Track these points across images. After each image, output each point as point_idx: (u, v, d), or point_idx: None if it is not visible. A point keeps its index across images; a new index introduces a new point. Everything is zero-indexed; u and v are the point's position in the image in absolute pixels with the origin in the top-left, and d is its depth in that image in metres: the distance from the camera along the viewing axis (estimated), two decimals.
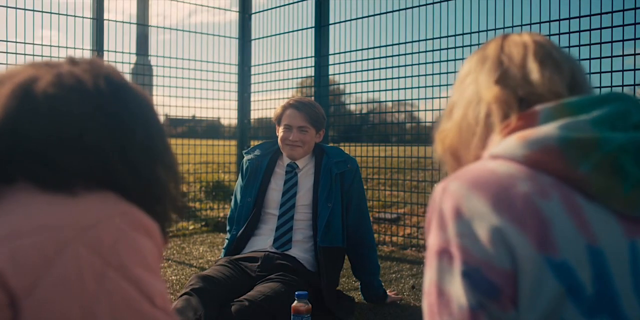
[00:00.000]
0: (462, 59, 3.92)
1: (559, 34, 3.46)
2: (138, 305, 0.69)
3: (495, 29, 3.77)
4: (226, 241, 2.79)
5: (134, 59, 5.34)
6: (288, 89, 5.24)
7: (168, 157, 0.85)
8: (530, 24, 3.60)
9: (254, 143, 5.32)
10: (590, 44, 3.33)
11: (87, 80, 0.78)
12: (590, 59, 3.32)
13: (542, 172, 0.73)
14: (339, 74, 4.77)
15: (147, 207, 0.78)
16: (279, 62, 5.18)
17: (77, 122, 0.75)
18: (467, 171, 0.76)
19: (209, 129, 6.37)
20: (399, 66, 4.27)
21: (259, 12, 5.49)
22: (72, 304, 0.65)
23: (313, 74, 4.79)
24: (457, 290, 0.70)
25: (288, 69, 5.09)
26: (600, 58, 3.25)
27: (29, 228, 0.67)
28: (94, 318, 0.66)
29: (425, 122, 4.46)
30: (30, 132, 0.73)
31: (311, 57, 4.80)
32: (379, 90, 4.43)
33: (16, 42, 4.16)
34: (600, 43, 3.26)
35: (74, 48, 4.58)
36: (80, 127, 0.75)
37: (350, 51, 4.61)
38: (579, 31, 3.39)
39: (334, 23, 4.74)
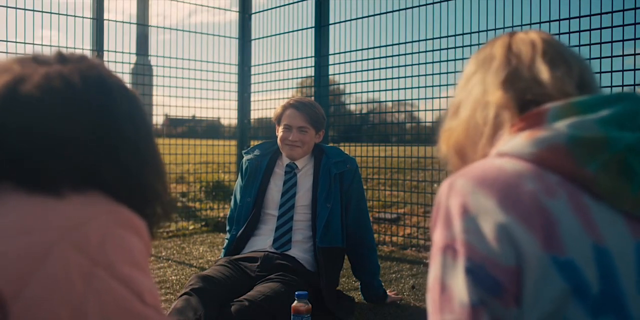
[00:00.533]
0: (462, 59, 3.92)
1: (559, 34, 3.46)
2: (128, 304, 0.69)
3: (495, 29, 3.77)
4: (226, 241, 2.80)
5: (134, 59, 5.34)
6: (288, 89, 5.25)
7: (157, 159, 0.84)
8: (530, 24, 3.60)
9: (254, 143, 5.31)
10: (590, 44, 3.33)
11: (76, 82, 0.76)
12: (590, 59, 3.31)
13: (549, 170, 0.73)
14: (339, 74, 4.78)
15: (136, 209, 0.77)
16: (279, 62, 5.18)
17: (65, 126, 0.73)
18: (474, 168, 0.76)
19: (209, 129, 6.36)
20: (399, 66, 4.27)
21: (259, 12, 5.49)
22: (61, 306, 0.65)
23: (313, 74, 4.79)
24: (460, 286, 0.70)
25: (288, 69, 5.09)
26: (600, 58, 3.25)
27: (15, 230, 0.67)
28: (84, 318, 0.65)
29: (425, 122, 4.46)
30: (15, 135, 0.72)
31: (311, 57, 4.80)
32: (379, 90, 4.44)
33: (16, 42, 4.17)
34: (600, 43, 3.26)
35: (74, 48, 4.58)
36: (68, 130, 0.73)
37: (350, 51, 4.61)
38: (579, 31, 3.39)
39: (334, 23, 4.74)
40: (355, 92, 4.69)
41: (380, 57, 4.41)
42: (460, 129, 0.86)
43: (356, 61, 4.56)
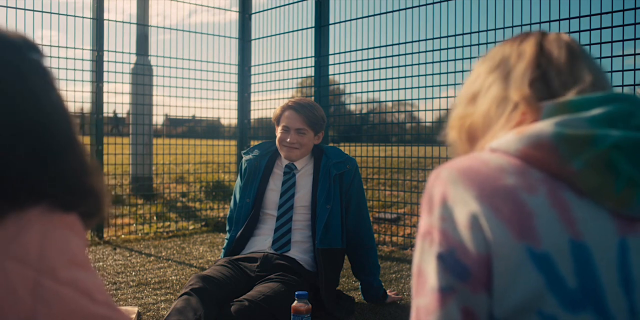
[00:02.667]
0: (462, 59, 3.92)
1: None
2: (79, 306, 0.67)
3: (495, 29, 3.77)
4: (225, 241, 2.79)
5: (134, 59, 5.34)
6: (288, 89, 5.25)
7: (81, 149, 0.76)
8: (530, 24, 3.60)
9: (253, 143, 5.32)
10: (590, 44, 3.33)
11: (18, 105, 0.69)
12: None
13: (533, 166, 0.74)
14: (339, 74, 4.78)
15: (68, 205, 0.73)
16: (279, 62, 5.18)
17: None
18: (462, 160, 0.78)
19: (209, 129, 6.37)
20: (399, 66, 4.27)
21: (259, 12, 5.49)
22: None
23: (313, 74, 4.79)
24: (431, 271, 0.73)
25: (288, 69, 5.09)
26: (600, 58, 3.25)
27: None
28: None
29: (425, 122, 4.46)
30: None
31: (311, 57, 4.80)
32: (379, 90, 4.43)
33: None
34: (600, 43, 3.26)
35: (74, 48, 4.59)
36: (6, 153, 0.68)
37: (350, 51, 4.61)
38: (579, 31, 3.39)
39: (334, 23, 4.74)
40: (355, 92, 4.70)
41: (380, 57, 4.41)
42: (477, 116, 0.86)
43: (356, 61, 4.56)
